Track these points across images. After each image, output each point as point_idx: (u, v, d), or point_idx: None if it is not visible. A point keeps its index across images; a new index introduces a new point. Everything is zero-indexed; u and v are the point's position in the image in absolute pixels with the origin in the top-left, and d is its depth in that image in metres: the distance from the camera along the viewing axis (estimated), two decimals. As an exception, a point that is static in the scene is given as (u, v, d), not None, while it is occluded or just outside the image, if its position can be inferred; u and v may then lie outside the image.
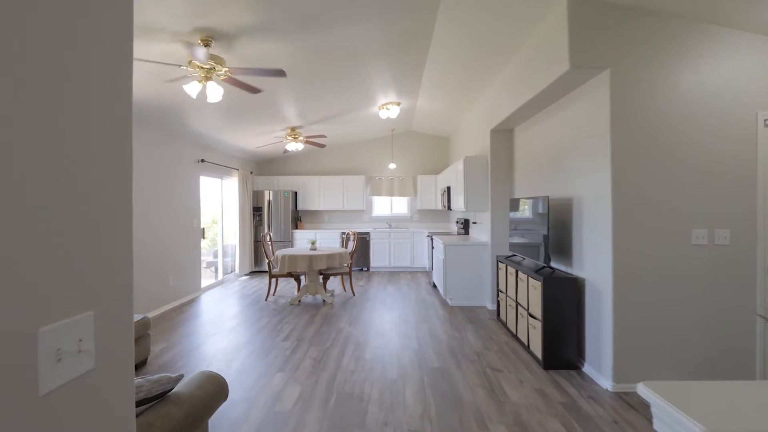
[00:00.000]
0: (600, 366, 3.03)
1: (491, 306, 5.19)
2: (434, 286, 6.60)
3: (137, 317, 3.28)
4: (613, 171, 2.89)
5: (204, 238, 6.33)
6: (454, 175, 6.35)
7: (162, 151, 5.27)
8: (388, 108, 6.15)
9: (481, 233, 5.79)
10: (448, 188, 6.79)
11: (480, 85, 5.04)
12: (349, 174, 8.92)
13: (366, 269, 8.41)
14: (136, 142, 4.74)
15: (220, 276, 7.19)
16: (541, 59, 3.35)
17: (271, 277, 5.77)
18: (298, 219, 8.79)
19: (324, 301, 5.69)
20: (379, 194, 8.82)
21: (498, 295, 4.65)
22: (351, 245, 6.47)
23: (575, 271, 3.43)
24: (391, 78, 4.86)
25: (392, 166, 8.27)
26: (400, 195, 8.84)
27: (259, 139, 6.77)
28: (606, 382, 2.93)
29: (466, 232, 6.59)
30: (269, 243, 6.05)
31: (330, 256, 5.48)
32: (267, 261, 5.80)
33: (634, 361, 2.87)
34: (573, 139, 3.46)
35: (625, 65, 2.89)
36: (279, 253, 5.54)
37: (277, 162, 9.04)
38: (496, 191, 5.20)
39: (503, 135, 5.19)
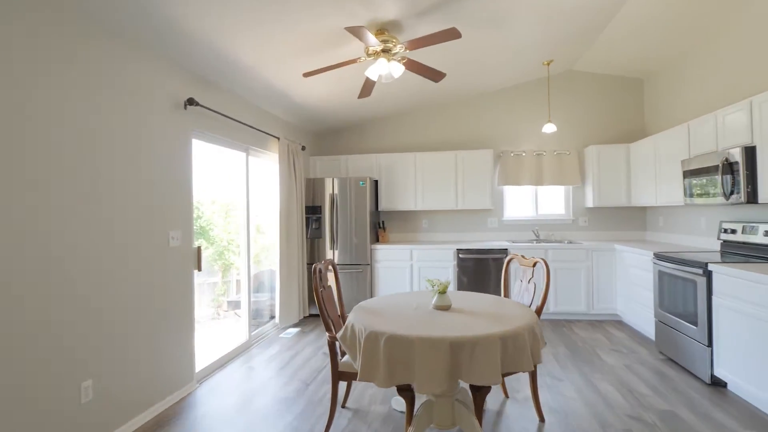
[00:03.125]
0: None
1: None
2: (671, 360, 2.72)
3: None
4: None
5: (199, 269, 3.02)
6: (746, 125, 2.43)
7: (93, 73, 2.05)
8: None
9: None
10: (729, 163, 2.86)
11: None
12: (468, 147, 5.31)
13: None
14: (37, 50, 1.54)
15: (245, 335, 3.84)
16: None
17: (337, 377, 2.31)
18: (379, 225, 5.34)
19: (478, 451, 2.07)
20: (516, 182, 5.09)
21: None
22: (536, 292, 2.82)
23: None
24: None
25: (549, 127, 4.52)
26: (556, 182, 5.03)
27: (310, 59, 3.31)
28: None
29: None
30: (321, 277, 2.64)
31: (512, 340, 1.86)
32: (325, 329, 2.34)
33: None
34: None
35: None
36: (357, 322, 2.06)
37: (348, 129, 5.65)
38: None
39: None
